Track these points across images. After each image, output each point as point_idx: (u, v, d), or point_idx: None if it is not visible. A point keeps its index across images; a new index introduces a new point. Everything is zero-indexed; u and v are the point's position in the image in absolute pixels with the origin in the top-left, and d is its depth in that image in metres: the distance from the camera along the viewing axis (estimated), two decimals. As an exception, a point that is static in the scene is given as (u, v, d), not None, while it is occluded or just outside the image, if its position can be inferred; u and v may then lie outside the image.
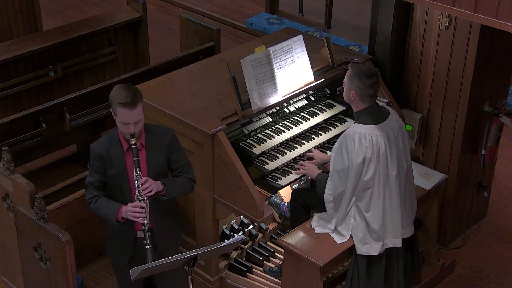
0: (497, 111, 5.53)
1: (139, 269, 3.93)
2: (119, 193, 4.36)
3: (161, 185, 4.32)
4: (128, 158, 4.30)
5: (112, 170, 4.32)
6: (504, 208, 6.41)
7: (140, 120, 4.23)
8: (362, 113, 4.54)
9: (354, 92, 4.51)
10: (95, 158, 4.33)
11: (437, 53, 5.43)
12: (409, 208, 4.73)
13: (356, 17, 9.75)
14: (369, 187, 4.52)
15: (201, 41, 6.99)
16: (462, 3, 4.08)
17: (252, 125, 5.10)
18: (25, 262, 4.99)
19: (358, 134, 4.47)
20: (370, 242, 4.59)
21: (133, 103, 4.15)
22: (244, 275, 5.24)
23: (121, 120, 4.20)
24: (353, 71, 4.52)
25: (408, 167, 4.68)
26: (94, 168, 4.35)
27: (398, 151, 4.57)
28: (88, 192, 4.39)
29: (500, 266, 5.78)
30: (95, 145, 4.36)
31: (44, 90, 6.83)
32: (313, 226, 4.78)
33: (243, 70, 4.93)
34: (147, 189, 4.24)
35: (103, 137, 4.44)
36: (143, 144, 4.33)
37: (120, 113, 4.17)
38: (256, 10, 9.93)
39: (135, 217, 4.24)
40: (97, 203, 4.36)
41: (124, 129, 4.22)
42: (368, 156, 4.46)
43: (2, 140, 5.72)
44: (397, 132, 4.58)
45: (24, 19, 7.94)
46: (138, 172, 4.23)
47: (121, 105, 4.15)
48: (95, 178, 4.35)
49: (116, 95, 4.20)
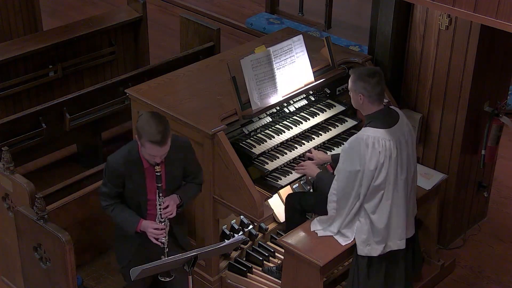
0: (497, 111, 5.53)
1: (139, 269, 3.93)
2: (135, 203, 4.35)
3: (178, 199, 4.35)
4: (148, 174, 4.26)
5: (130, 185, 4.28)
6: (504, 208, 6.41)
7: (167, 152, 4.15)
8: (374, 116, 4.50)
9: (362, 95, 4.46)
10: (113, 173, 4.26)
11: (437, 53, 5.43)
12: (413, 210, 4.74)
13: (356, 17, 9.75)
14: (380, 190, 4.50)
15: (201, 41, 6.99)
16: (462, 3, 4.07)
17: (252, 125, 5.10)
18: (25, 262, 5.00)
19: (372, 139, 4.43)
20: (372, 244, 4.59)
21: (163, 140, 4.04)
22: (244, 275, 5.24)
23: (148, 152, 4.10)
24: (355, 75, 4.50)
25: (415, 171, 4.68)
26: (111, 181, 4.29)
27: (408, 155, 4.56)
28: (103, 199, 4.36)
29: (500, 266, 5.78)
30: (113, 161, 4.25)
31: (44, 90, 6.83)
32: (314, 230, 4.76)
33: (243, 70, 4.93)
34: (168, 212, 4.28)
35: (122, 151, 4.29)
36: (163, 160, 4.24)
37: (149, 147, 4.06)
38: (256, 10, 9.93)
39: (155, 239, 4.27)
40: (115, 211, 4.33)
41: (149, 158, 4.15)
42: (381, 162, 4.44)
43: (2, 140, 5.72)
44: (407, 136, 4.56)
45: (24, 19, 7.94)
46: (161, 197, 4.23)
47: (151, 142, 4.03)
48: (111, 189, 4.31)
49: (146, 130, 4.03)
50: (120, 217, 4.33)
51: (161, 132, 4.02)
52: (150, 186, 4.28)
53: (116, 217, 4.34)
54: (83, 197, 5.20)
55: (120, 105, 6.50)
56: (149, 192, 4.30)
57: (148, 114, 4.15)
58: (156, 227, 4.27)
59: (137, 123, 4.13)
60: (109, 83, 6.46)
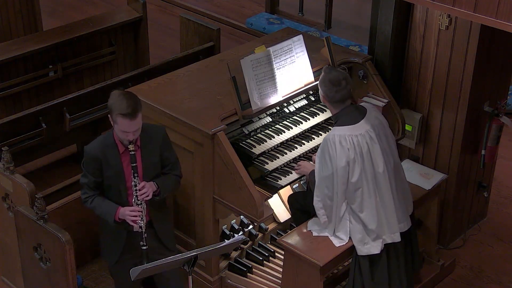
0: (497, 111, 5.53)
1: (139, 269, 3.93)
2: (116, 193, 4.39)
3: (155, 186, 4.39)
4: (124, 159, 4.33)
5: (108, 171, 4.34)
6: (504, 208, 6.41)
7: (139, 128, 4.25)
8: (339, 115, 4.58)
9: (323, 96, 4.61)
10: (90, 160, 4.35)
11: (437, 53, 5.43)
12: (403, 202, 4.72)
13: (356, 17, 9.75)
14: (358, 187, 4.52)
15: (201, 41, 6.99)
16: (462, 3, 4.07)
17: (252, 125, 5.10)
18: (25, 262, 5.00)
19: (338, 137, 4.48)
20: (369, 242, 4.59)
21: (133, 113, 4.15)
22: (244, 275, 5.24)
23: (121, 129, 4.20)
24: (321, 77, 4.61)
25: (395, 163, 4.67)
26: (89, 170, 4.36)
27: (382, 148, 4.56)
28: (83, 191, 4.43)
29: (500, 266, 5.78)
30: (90, 148, 4.36)
31: (44, 90, 6.84)
32: (310, 229, 4.77)
33: (243, 70, 4.93)
34: (144, 194, 4.31)
35: (98, 138, 4.45)
36: (139, 145, 4.36)
37: (120, 122, 4.17)
38: (256, 10, 9.93)
39: (133, 221, 4.30)
40: (93, 203, 4.39)
41: (123, 136, 4.24)
42: (352, 158, 4.47)
43: (2, 140, 5.73)
44: (378, 129, 4.58)
45: (24, 19, 7.94)
46: (136, 177, 4.28)
47: (121, 115, 4.14)
48: (90, 179, 4.38)
49: (116, 104, 4.18)
50: (100, 208, 4.38)
51: (131, 106, 4.15)
52: (128, 172, 4.34)
53: (96, 208, 4.39)
54: (83, 197, 5.19)
55: (120, 105, 6.49)
56: (127, 178, 4.35)
57: (118, 91, 4.31)
58: (132, 209, 4.30)
59: (108, 101, 4.24)
60: (109, 83, 6.45)
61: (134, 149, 4.26)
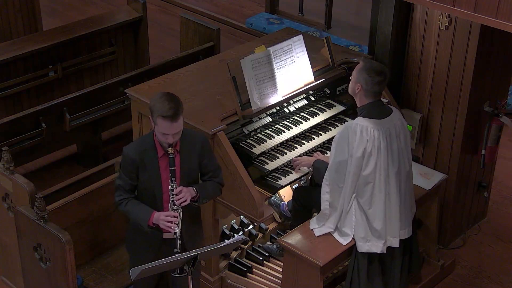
0: (497, 111, 5.53)
1: (139, 269, 3.93)
2: (150, 197, 4.30)
3: (193, 192, 4.29)
4: (162, 163, 4.24)
5: (145, 175, 4.25)
6: (504, 208, 6.41)
7: (179, 131, 4.17)
8: (365, 107, 4.53)
9: (360, 85, 4.49)
10: (127, 162, 4.25)
11: (437, 53, 5.43)
12: (408, 209, 4.73)
13: (356, 17, 9.75)
14: (369, 182, 4.51)
15: (201, 41, 6.99)
16: (462, 3, 4.08)
17: (252, 125, 5.10)
18: (25, 262, 5.00)
19: (360, 127, 4.46)
20: (372, 239, 4.59)
21: (175, 115, 4.07)
22: (244, 275, 5.24)
23: (161, 131, 4.12)
24: (364, 65, 4.51)
25: (410, 168, 4.67)
26: (125, 172, 4.27)
27: (399, 148, 4.56)
28: (118, 194, 4.32)
29: (500, 266, 5.78)
30: (128, 149, 4.26)
31: (44, 90, 6.84)
32: (312, 228, 4.76)
33: (243, 70, 4.93)
34: (181, 199, 4.22)
35: (137, 140, 4.37)
36: (178, 150, 4.25)
37: (161, 124, 4.09)
38: (256, 10, 9.93)
39: (168, 227, 4.20)
40: (128, 206, 4.29)
41: (163, 138, 4.15)
42: (368, 150, 4.45)
43: (2, 140, 5.72)
44: (399, 130, 4.57)
45: (24, 19, 7.94)
46: (173, 181, 4.20)
47: (162, 117, 4.06)
48: (125, 182, 4.28)
49: (158, 106, 4.09)
50: (133, 211, 4.27)
51: (173, 108, 4.07)
52: (164, 177, 4.25)
53: (129, 212, 4.29)
54: (83, 197, 5.19)
55: (120, 105, 6.50)
56: (163, 183, 4.25)
57: (161, 92, 4.23)
58: (168, 214, 4.20)
59: (150, 102, 4.17)
60: (109, 83, 6.46)
61: (173, 152, 4.17)
